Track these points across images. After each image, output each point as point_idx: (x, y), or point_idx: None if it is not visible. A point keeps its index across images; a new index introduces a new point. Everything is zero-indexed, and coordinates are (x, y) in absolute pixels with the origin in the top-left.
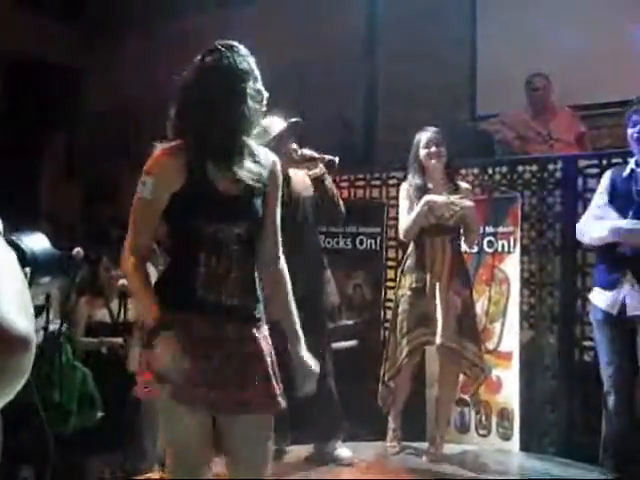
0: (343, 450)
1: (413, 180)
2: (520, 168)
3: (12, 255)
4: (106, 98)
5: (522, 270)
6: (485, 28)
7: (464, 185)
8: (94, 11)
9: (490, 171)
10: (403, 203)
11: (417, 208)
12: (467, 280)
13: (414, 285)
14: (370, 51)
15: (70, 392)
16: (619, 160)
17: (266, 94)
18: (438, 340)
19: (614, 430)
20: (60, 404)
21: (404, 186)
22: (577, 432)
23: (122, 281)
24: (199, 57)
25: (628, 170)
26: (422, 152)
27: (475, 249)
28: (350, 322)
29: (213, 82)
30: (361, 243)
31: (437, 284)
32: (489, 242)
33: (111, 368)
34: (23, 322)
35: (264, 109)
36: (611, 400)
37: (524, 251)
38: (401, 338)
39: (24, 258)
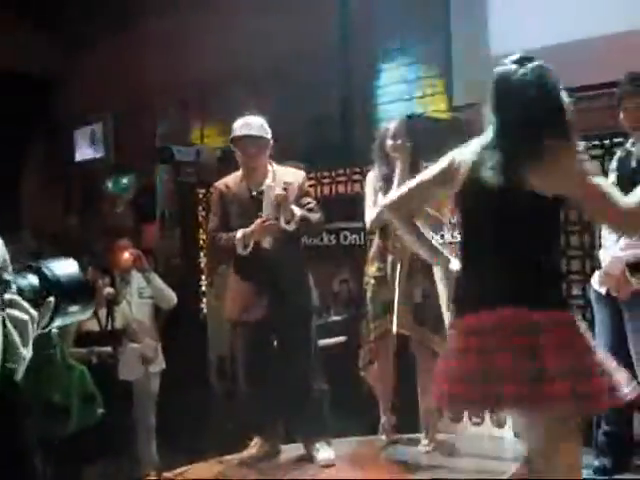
0: (326, 452)
1: (379, 170)
2: None
3: None
4: (84, 106)
5: None
6: (459, 18)
7: None
8: (65, 20)
9: None
10: (369, 192)
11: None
12: (429, 270)
13: (377, 274)
14: (345, 45)
15: (69, 392)
16: (597, 142)
17: None
18: (394, 328)
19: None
20: (59, 404)
21: (370, 176)
22: None
23: (108, 290)
24: None
25: (629, 145)
26: (388, 143)
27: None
28: (338, 318)
29: None
30: (345, 239)
31: (397, 273)
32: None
33: (101, 377)
34: None
35: None
36: None
37: None
38: (368, 326)
39: (48, 286)
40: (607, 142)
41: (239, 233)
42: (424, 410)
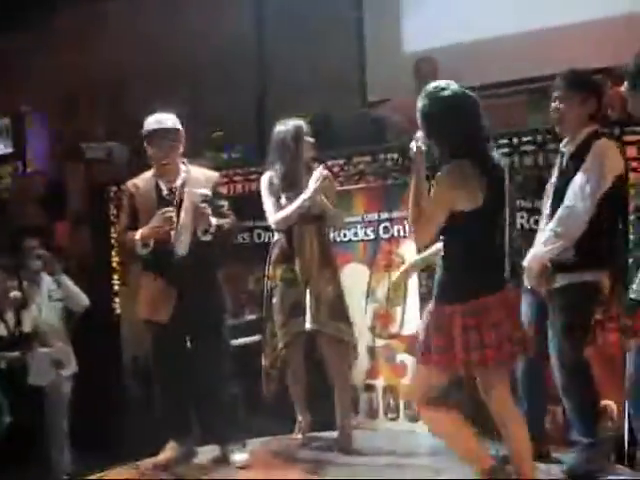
0: (240, 454)
1: (279, 169)
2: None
3: None
4: None
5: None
6: (371, 12)
7: (321, 172)
8: None
9: (382, 157)
10: (267, 193)
11: (298, 202)
12: (335, 267)
13: (284, 275)
14: (258, 43)
15: None
16: (506, 141)
17: None
18: (308, 326)
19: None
20: None
21: (265, 176)
22: (480, 409)
23: (15, 293)
24: None
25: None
26: (292, 143)
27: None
28: (253, 317)
29: None
30: (259, 237)
31: (307, 273)
32: (385, 228)
33: (10, 382)
34: None
35: None
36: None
37: None
38: (278, 330)
39: None
40: (516, 141)
41: (137, 233)
42: (339, 406)
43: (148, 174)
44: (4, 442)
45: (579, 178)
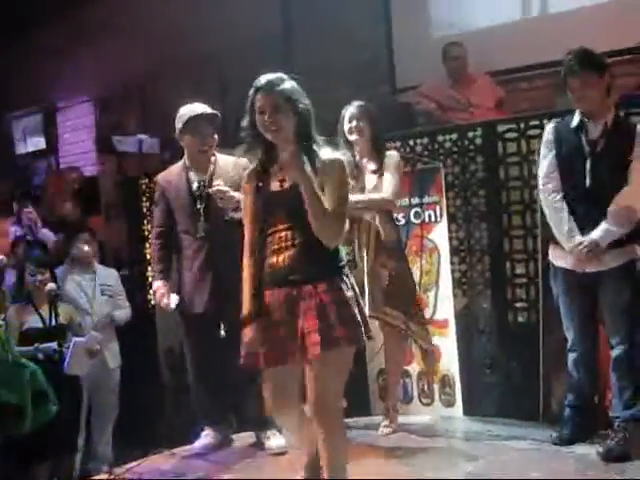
0: (277, 439)
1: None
2: (440, 138)
3: None
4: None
5: (450, 238)
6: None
7: (392, 153)
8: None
9: (411, 143)
10: None
11: (361, 197)
12: (395, 252)
13: (346, 258)
14: (287, 32)
15: (21, 391)
16: (537, 122)
17: None
18: (366, 312)
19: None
20: (14, 405)
21: None
22: (517, 392)
23: (51, 285)
24: None
25: (576, 121)
26: (345, 127)
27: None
28: None
29: None
30: None
31: (365, 256)
32: (416, 213)
33: (49, 374)
34: None
35: None
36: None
37: (451, 219)
38: None
39: None
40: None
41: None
42: (388, 392)
43: (178, 166)
44: (45, 433)
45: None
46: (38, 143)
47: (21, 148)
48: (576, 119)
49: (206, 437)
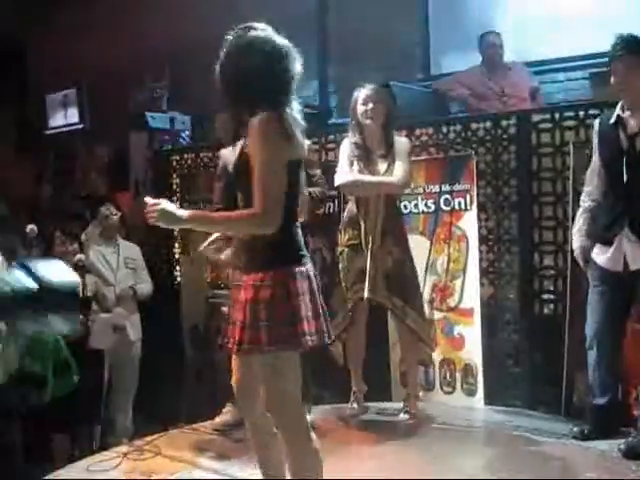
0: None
1: (352, 138)
2: (474, 125)
3: None
4: (56, 71)
5: (480, 227)
6: None
7: (402, 139)
8: None
9: (444, 130)
10: (342, 158)
11: (373, 179)
12: (400, 239)
13: (350, 242)
14: (321, 14)
15: (44, 360)
16: (571, 114)
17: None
18: (365, 294)
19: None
20: (36, 374)
21: (345, 142)
22: (539, 385)
23: (79, 256)
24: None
25: (615, 117)
26: (359, 109)
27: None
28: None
29: None
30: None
31: (370, 241)
32: (446, 200)
33: (74, 345)
34: None
35: None
36: (592, 355)
37: (481, 208)
38: (346, 294)
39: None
40: (582, 114)
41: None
42: (408, 380)
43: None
44: (67, 403)
45: None
46: (72, 117)
47: (56, 121)
48: (615, 114)
49: (227, 413)
